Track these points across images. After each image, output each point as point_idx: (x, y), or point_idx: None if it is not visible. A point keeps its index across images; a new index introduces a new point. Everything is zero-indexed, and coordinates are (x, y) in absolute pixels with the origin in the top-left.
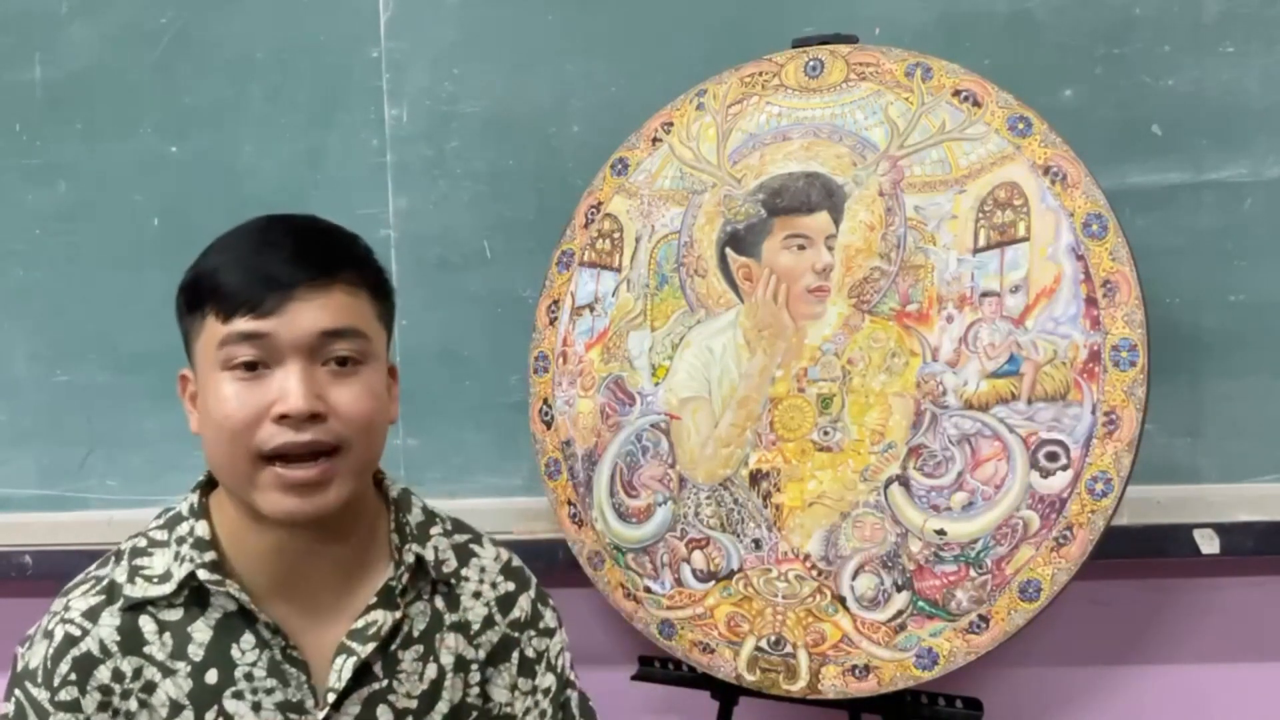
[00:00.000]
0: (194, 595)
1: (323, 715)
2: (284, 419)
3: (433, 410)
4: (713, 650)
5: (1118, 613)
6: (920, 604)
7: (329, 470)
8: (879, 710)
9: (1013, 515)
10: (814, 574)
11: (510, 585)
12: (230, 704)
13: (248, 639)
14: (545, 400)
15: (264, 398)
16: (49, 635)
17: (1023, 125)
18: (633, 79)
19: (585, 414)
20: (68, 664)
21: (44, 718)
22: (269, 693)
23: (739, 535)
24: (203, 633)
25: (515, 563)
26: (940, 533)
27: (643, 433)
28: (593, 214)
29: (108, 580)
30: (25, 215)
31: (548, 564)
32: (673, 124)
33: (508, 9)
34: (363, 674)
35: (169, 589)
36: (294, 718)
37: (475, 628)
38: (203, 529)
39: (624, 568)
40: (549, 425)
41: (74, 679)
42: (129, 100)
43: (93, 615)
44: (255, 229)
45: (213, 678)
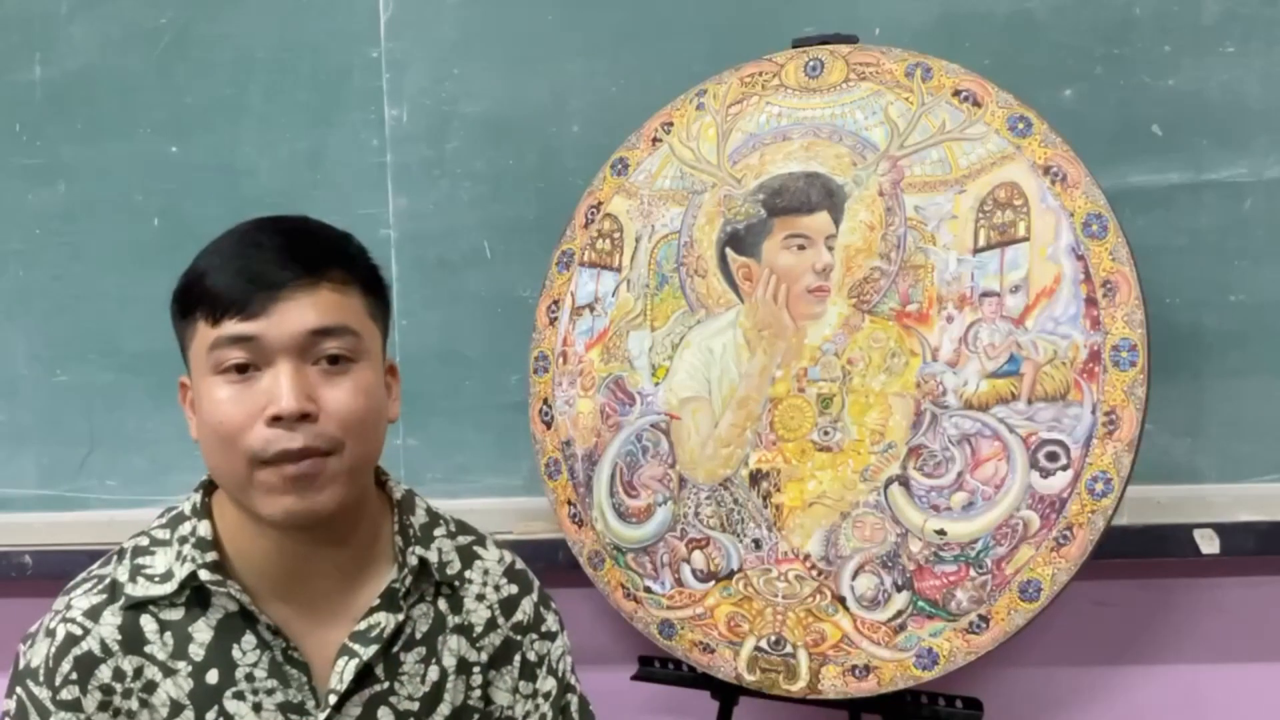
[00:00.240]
0: (195, 595)
1: (324, 717)
2: (276, 420)
3: (433, 410)
4: (713, 650)
5: (1118, 613)
6: (920, 604)
7: (321, 467)
8: (879, 710)
9: (1013, 515)
10: (814, 574)
11: (513, 588)
12: (231, 704)
13: (249, 639)
14: (545, 400)
15: (256, 400)
16: (51, 634)
17: (1023, 125)
18: (633, 79)
19: (585, 414)
20: (69, 663)
21: (45, 716)
22: (270, 693)
23: (739, 535)
24: (204, 633)
25: (518, 566)
26: (940, 533)
27: (643, 433)
28: (593, 214)
29: (109, 579)
30: (25, 215)
31: (548, 564)
32: (673, 124)
33: (508, 9)
34: (364, 676)
35: (170, 588)
36: (295, 719)
37: (478, 630)
38: (205, 529)
39: (624, 568)
40: (549, 425)
41: (75, 678)
42: (129, 100)
43: (94, 614)
44: (242, 232)
45: (213, 678)
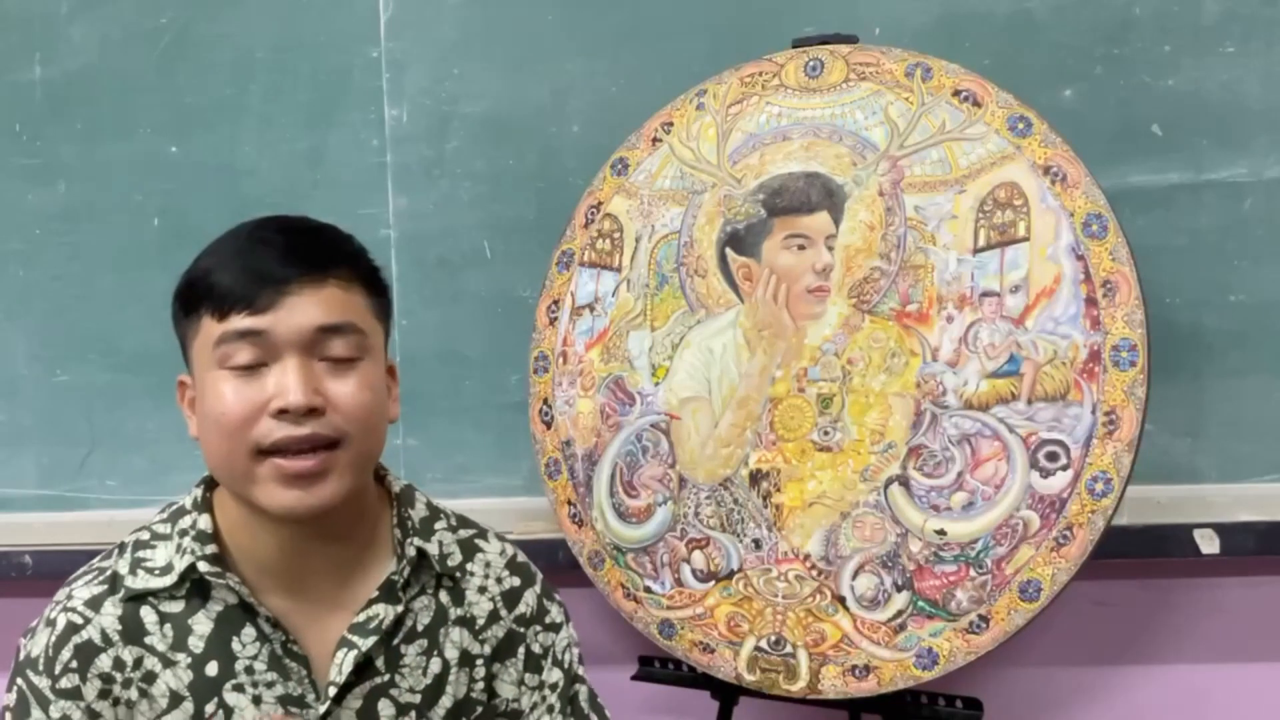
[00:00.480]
0: (195, 587)
1: (324, 709)
2: (283, 414)
3: (433, 410)
4: (713, 650)
5: (1118, 613)
6: (920, 604)
7: (328, 461)
8: (879, 710)
9: (1013, 515)
10: (814, 574)
11: (516, 580)
12: (230, 696)
13: (248, 632)
14: (545, 400)
15: (261, 393)
16: (51, 624)
17: (1023, 125)
18: (633, 79)
19: (585, 414)
20: (69, 651)
21: (45, 706)
22: (269, 686)
23: (739, 535)
24: (203, 625)
25: (520, 558)
26: (940, 533)
27: (643, 433)
28: (593, 214)
29: (110, 571)
30: (25, 215)
31: (548, 564)
32: (673, 124)
33: (508, 9)
34: (364, 668)
35: (170, 581)
36: (295, 711)
37: (480, 622)
38: (205, 522)
39: (624, 568)
40: (549, 425)
41: (75, 666)
42: (129, 100)
43: (95, 605)
44: (246, 230)
45: (213, 670)
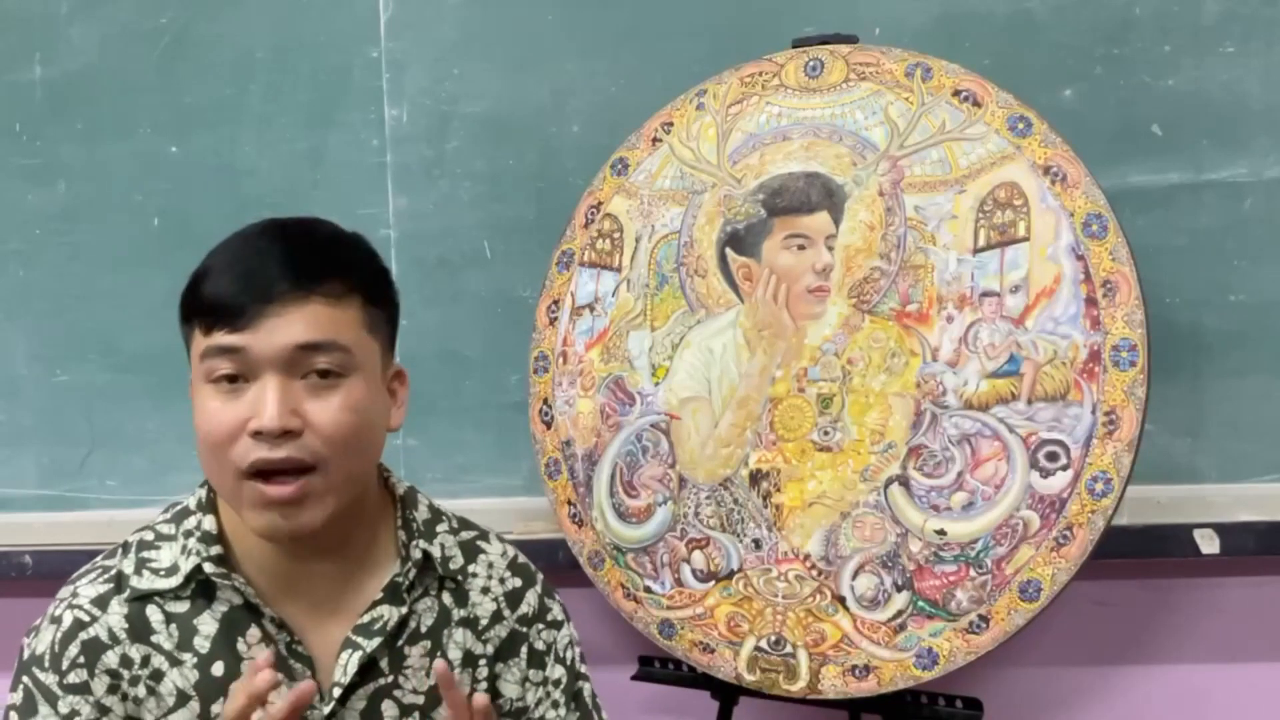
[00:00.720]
0: (200, 588)
1: (328, 710)
2: (258, 435)
3: (433, 410)
4: (713, 650)
5: (1118, 613)
6: (920, 604)
7: (306, 488)
8: (879, 710)
9: (1013, 515)
10: (814, 574)
11: (517, 581)
12: None
13: (253, 633)
14: (545, 400)
15: (241, 412)
16: (57, 621)
17: (1023, 125)
18: (633, 79)
19: (585, 414)
20: (76, 647)
21: (53, 702)
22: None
23: (739, 535)
24: (209, 625)
25: (521, 559)
26: (940, 533)
27: (643, 433)
28: (593, 214)
29: (115, 570)
30: (25, 215)
31: (548, 564)
32: (673, 124)
33: (508, 9)
34: (368, 669)
35: (176, 582)
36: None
37: (484, 623)
38: (210, 523)
39: (624, 568)
40: (549, 425)
41: (83, 662)
42: (129, 100)
43: (101, 603)
44: (244, 237)
45: (219, 670)
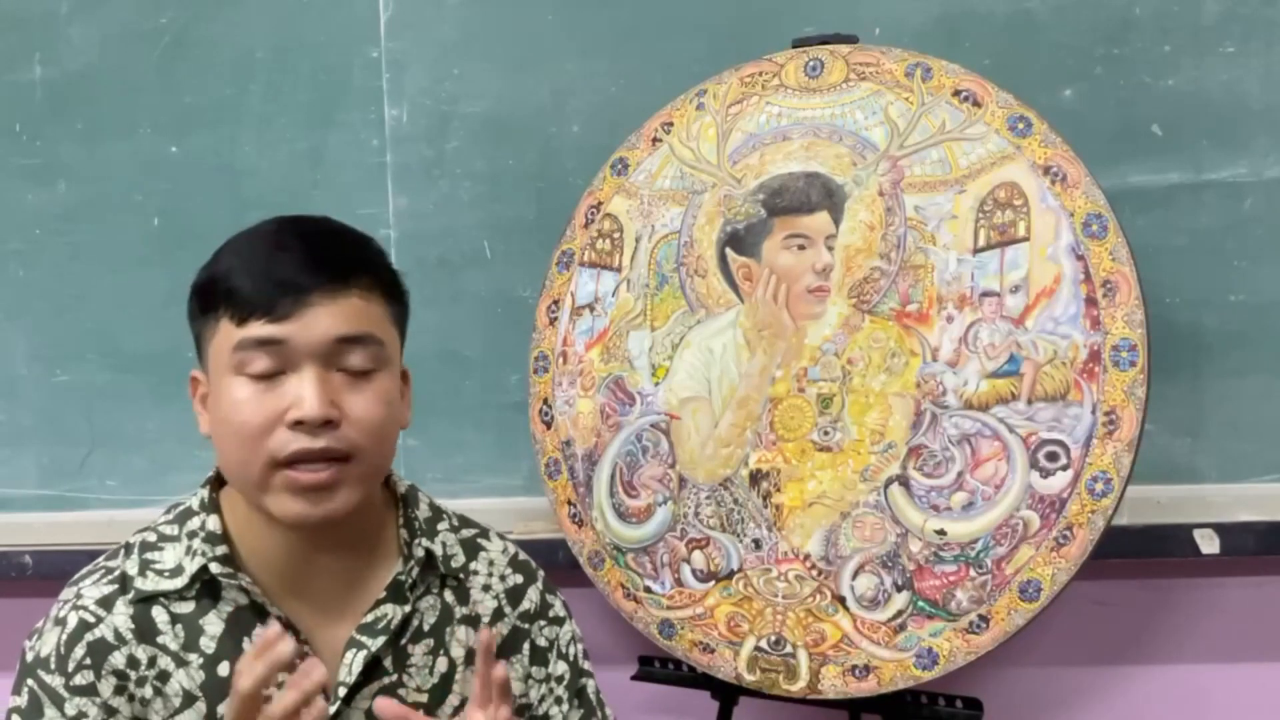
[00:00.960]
0: (205, 589)
1: (333, 709)
2: (299, 424)
3: (433, 410)
4: (713, 650)
5: (1118, 613)
6: (920, 604)
7: (339, 474)
8: (879, 710)
9: (1013, 515)
10: (814, 574)
11: (518, 578)
12: None
13: (259, 633)
14: (545, 400)
15: (278, 403)
16: (61, 622)
17: (1023, 125)
18: (633, 79)
19: (585, 414)
20: (82, 648)
21: (60, 704)
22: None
23: (739, 535)
24: (214, 626)
25: (521, 556)
26: (940, 533)
27: (643, 433)
28: (593, 214)
29: (119, 571)
30: (25, 215)
31: (548, 564)
32: (673, 124)
33: (508, 9)
34: (373, 668)
35: (180, 583)
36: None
37: (485, 620)
38: (214, 523)
39: (624, 568)
40: (549, 425)
41: (89, 663)
42: (129, 100)
43: (106, 604)
44: (268, 231)
45: (224, 670)
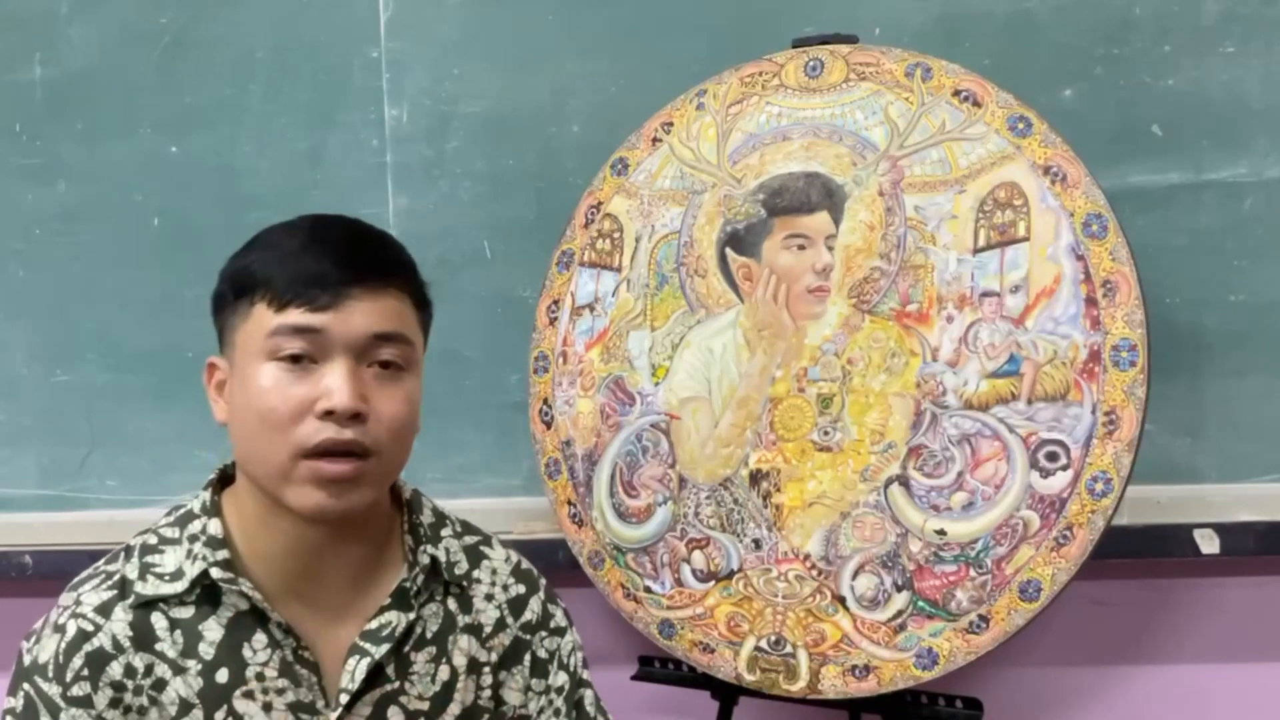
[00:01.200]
0: (206, 593)
1: (335, 716)
2: (328, 415)
3: (433, 410)
4: (713, 650)
5: (1118, 613)
6: (920, 604)
7: (360, 469)
8: (879, 710)
9: (1013, 515)
10: (814, 574)
11: (521, 588)
12: (240, 704)
13: (259, 638)
14: (545, 400)
15: (309, 392)
16: (60, 630)
17: (1023, 125)
18: (633, 79)
19: (585, 414)
20: (81, 659)
21: (55, 713)
22: (280, 693)
23: (739, 535)
24: (214, 631)
25: (524, 565)
26: (940, 533)
27: (643, 433)
28: (593, 214)
29: (119, 576)
30: (25, 215)
31: (548, 564)
32: (673, 124)
33: (508, 9)
34: (374, 675)
35: (181, 587)
36: (305, 718)
37: (487, 630)
38: (215, 527)
39: (624, 568)
40: (549, 425)
41: (87, 674)
42: (129, 100)
43: (105, 611)
44: (305, 226)
45: (223, 677)
